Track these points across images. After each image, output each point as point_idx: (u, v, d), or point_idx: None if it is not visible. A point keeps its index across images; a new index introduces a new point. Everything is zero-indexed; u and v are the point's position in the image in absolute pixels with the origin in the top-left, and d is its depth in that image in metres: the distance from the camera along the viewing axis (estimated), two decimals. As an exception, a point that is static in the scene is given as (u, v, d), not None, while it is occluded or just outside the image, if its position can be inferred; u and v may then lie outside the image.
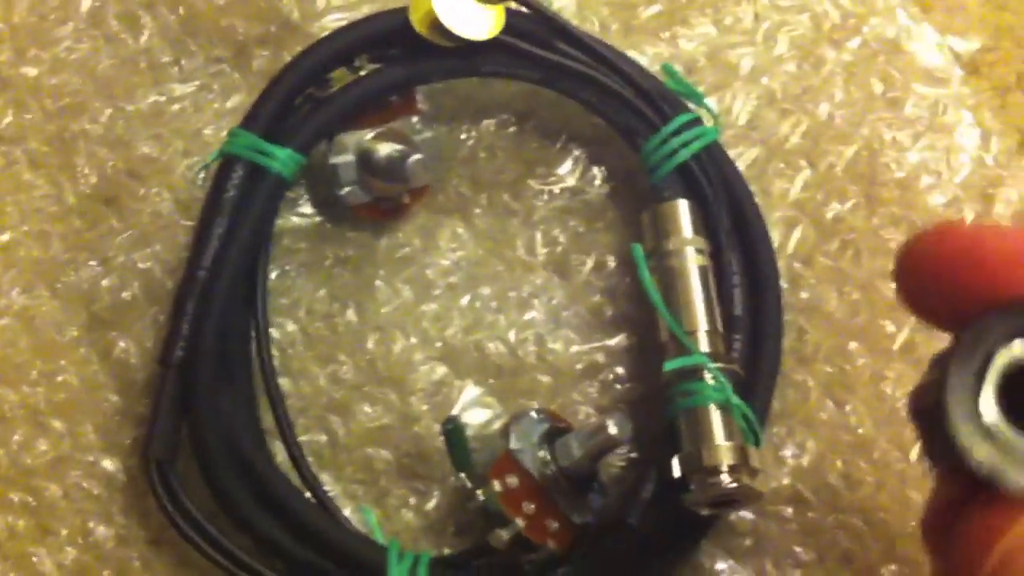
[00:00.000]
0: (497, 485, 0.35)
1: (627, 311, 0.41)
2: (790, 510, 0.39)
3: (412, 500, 0.39)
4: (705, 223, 0.40)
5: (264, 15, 0.45)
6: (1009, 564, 0.21)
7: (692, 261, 0.39)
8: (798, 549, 0.39)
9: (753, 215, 0.41)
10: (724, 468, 0.35)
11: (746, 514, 0.39)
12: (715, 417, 0.36)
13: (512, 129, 0.44)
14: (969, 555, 0.22)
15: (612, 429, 0.36)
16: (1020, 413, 0.23)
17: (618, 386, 0.41)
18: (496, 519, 0.36)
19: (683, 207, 0.40)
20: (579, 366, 0.41)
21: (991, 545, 0.21)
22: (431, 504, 0.39)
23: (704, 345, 0.38)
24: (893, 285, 0.27)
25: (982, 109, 0.46)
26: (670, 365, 0.37)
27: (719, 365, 0.37)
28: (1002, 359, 0.23)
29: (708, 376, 0.37)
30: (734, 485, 0.35)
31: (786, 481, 0.40)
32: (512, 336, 0.41)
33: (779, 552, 0.39)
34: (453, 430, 0.36)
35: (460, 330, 0.41)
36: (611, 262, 0.42)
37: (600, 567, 0.36)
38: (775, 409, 0.40)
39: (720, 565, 0.39)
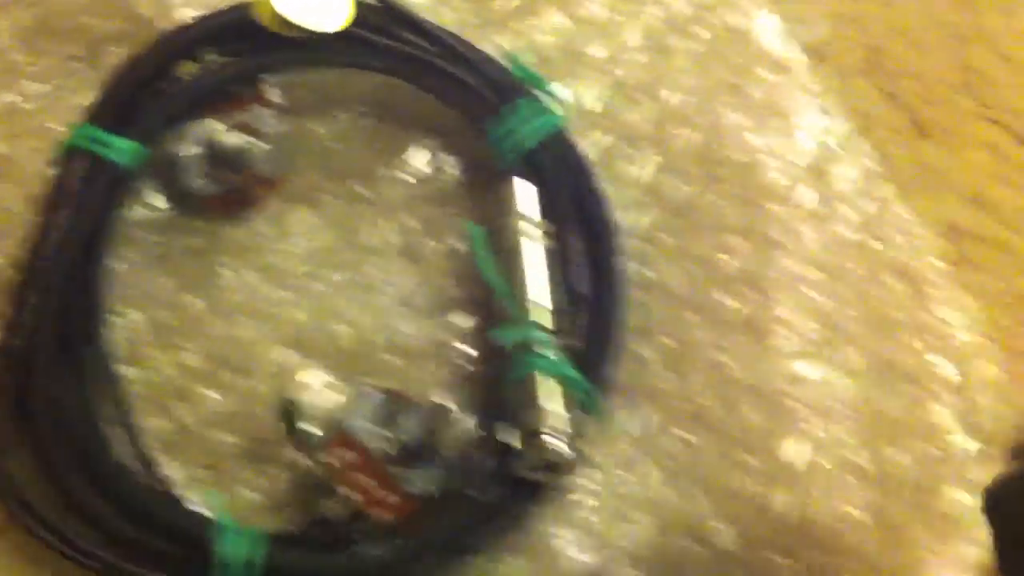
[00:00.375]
0: (332, 460, 0.36)
1: (475, 293, 0.42)
2: (630, 476, 0.40)
3: (258, 482, 0.39)
4: (549, 205, 0.41)
5: (118, 13, 0.45)
6: None
7: (533, 240, 0.40)
8: (637, 513, 0.40)
9: (597, 197, 0.43)
10: (554, 433, 0.36)
11: (586, 481, 0.40)
12: (547, 386, 0.37)
13: (366, 120, 0.45)
14: None
15: (449, 404, 0.36)
16: None
17: (466, 365, 0.41)
18: (333, 493, 0.36)
19: (525, 189, 0.41)
20: (427, 347, 0.41)
21: None
22: (276, 485, 0.39)
23: (541, 319, 0.39)
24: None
25: (825, 94, 0.48)
26: (501, 336, 0.37)
27: (553, 338, 0.38)
28: None
29: (542, 348, 0.38)
30: (563, 449, 0.36)
31: (626, 449, 0.40)
32: (360, 320, 0.42)
33: (617, 516, 0.40)
34: (289, 410, 0.36)
35: (309, 315, 0.42)
36: (461, 246, 0.43)
37: (437, 536, 0.37)
38: (618, 381, 0.41)
39: (561, 531, 0.39)
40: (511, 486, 0.38)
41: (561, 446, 0.36)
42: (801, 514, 0.40)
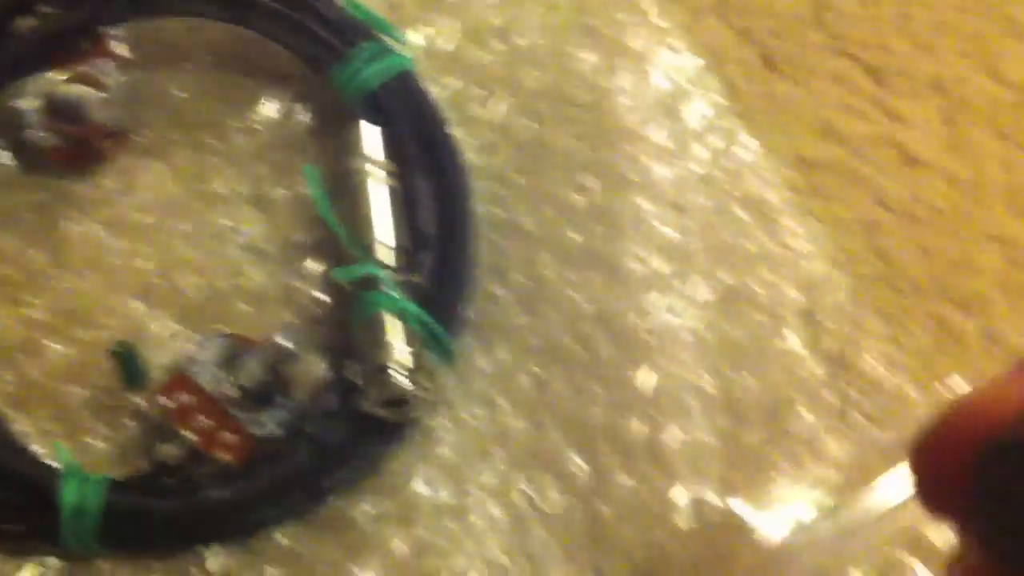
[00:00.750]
0: (167, 402, 0.36)
1: (325, 237, 0.42)
2: (486, 413, 0.41)
3: (106, 432, 0.39)
4: (394, 146, 0.41)
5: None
6: None
7: (375, 180, 0.40)
8: (493, 449, 0.40)
9: (444, 137, 0.43)
10: (397, 368, 0.36)
11: (442, 420, 0.40)
12: (390, 323, 0.38)
13: (214, 70, 0.45)
14: None
15: (284, 342, 0.36)
16: None
17: (316, 309, 0.41)
18: (171, 436, 0.36)
19: (367, 130, 0.41)
20: (277, 292, 0.41)
21: None
22: (125, 434, 0.39)
23: (386, 259, 0.39)
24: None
25: (675, 32, 0.48)
26: (339, 274, 0.38)
27: (398, 276, 0.38)
28: None
29: (386, 287, 0.38)
30: (407, 384, 0.36)
31: (481, 386, 0.41)
32: (209, 269, 0.41)
33: (475, 453, 0.40)
34: (122, 352, 0.36)
35: (156, 266, 0.41)
36: (310, 192, 0.43)
37: (281, 477, 0.37)
38: (473, 321, 0.41)
39: (418, 470, 0.40)
40: (361, 426, 0.38)
41: (404, 381, 0.36)
42: (652, 441, 0.40)
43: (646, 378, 0.41)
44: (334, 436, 0.38)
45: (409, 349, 0.37)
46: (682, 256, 0.44)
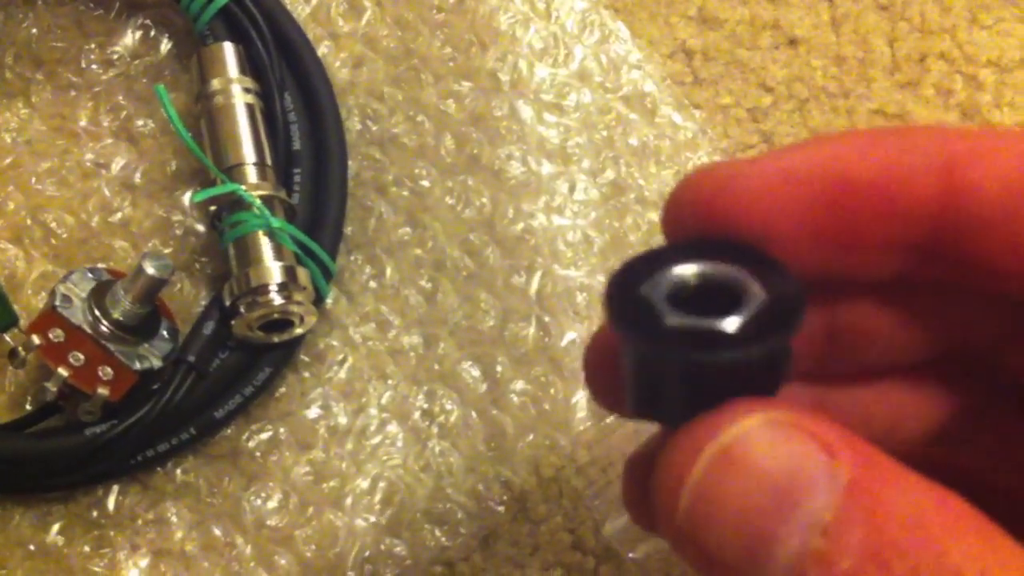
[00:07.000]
0: (37, 339, 0.35)
1: (196, 166, 0.41)
2: (376, 331, 0.40)
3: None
4: (254, 64, 0.40)
5: None
6: (705, 493, 0.18)
7: (237, 99, 0.39)
8: (387, 367, 0.40)
9: (306, 53, 0.42)
10: (271, 287, 0.36)
11: (333, 341, 0.40)
12: (262, 242, 0.37)
13: (68, 5, 0.43)
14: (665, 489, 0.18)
15: (150, 270, 0.35)
16: None
17: (192, 239, 0.40)
18: (50, 376, 0.35)
19: (226, 49, 0.40)
20: (151, 225, 0.40)
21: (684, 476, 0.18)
22: (10, 381, 0.38)
23: (252, 177, 0.38)
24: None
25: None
26: (198, 197, 0.37)
27: (264, 194, 0.37)
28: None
29: (252, 207, 0.37)
30: (282, 302, 0.36)
31: (370, 304, 0.40)
32: (79, 207, 0.40)
33: (368, 373, 0.39)
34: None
35: (23, 208, 0.40)
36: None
37: (168, 411, 0.36)
38: (356, 238, 0.41)
39: (312, 392, 0.39)
40: (247, 352, 0.37)
41: (280, 302, 0.36)
42: (546, 345, 0.40)
43: (535, 282, 0.41)
44: (220, 365, 0.37)
45: (281, 265, 0.36)
46: (564, 156, 0.43)
